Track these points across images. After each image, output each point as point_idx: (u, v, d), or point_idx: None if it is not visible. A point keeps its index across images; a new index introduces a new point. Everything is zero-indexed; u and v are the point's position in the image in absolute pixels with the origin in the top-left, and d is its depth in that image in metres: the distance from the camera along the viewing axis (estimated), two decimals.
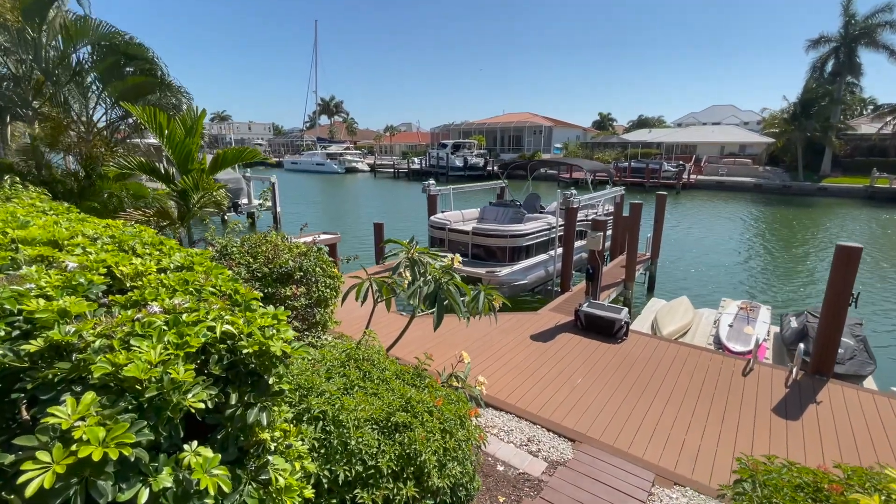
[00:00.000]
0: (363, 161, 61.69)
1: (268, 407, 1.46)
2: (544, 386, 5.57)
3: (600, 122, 79.14)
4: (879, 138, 36.44)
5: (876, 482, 2.10)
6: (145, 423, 1.13)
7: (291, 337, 1.55)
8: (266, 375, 1.47)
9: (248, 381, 1.45)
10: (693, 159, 42.80)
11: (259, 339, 1.44)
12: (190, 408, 1.24)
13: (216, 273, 1.89)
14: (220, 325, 1.41)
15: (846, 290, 5.61)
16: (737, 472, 2.40)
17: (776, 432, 4.70)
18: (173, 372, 1.21)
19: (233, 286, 1.79)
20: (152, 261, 2.08)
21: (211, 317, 1.45)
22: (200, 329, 1.39)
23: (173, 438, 1.26)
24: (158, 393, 1.18)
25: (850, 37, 35.50)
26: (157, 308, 1.48)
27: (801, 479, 2.13)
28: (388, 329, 7.20)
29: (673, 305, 9.47)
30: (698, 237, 19.93)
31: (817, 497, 2.00)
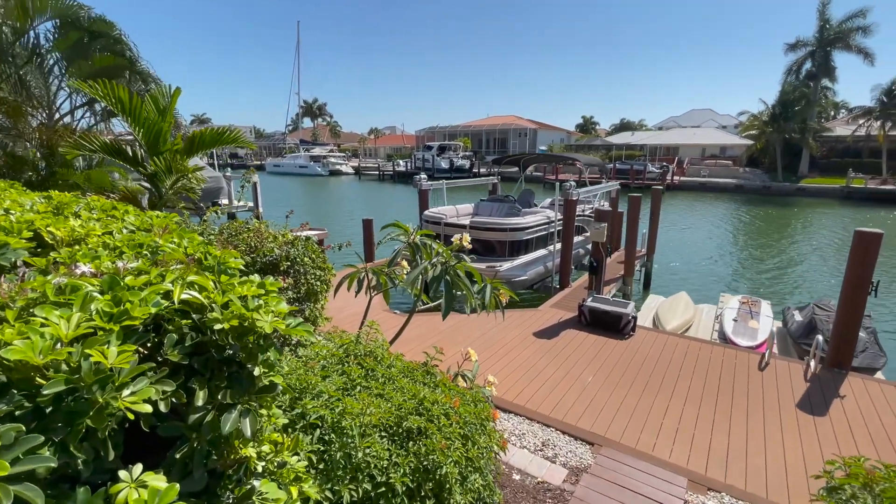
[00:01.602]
0: (347, 164, 60.88)
1: (252, 410, 1.01)
2: (553, 386, 5.17)
3: (584, 126, 79.92)
4: (854, 140, 37.43)
5: None
6: (43, 440, 0.67)
7: (286, 310, 1.10)
8: (250, 364, 1.02)
9: (222, 373, 0.99)
10: (676, 161, 43.32)
11: (239, 311, 0.99)
12: (129, 412, 0.78)
13: (181, 233, 1.41)
14: (178, 290, 0.95)
15: (865, 278, 5.36)
16: (825, 476, 2.01)
17: (805, 430, 4.38)
18: (96, 355, 0.75)
19: (204, 248, 1.32)
20: (99, 225, 1.59)
21: (168, 280, 0.99)
22: (149, 296, 0.93)
23: (102, 462, 0.80)
24: (70, 388, 0.72)
25: (826, 41, 36.44)
26: (85, 268, 1.01)
27: None
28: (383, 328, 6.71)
29: (673, 301, 9.22)
30: (688, 236, 19.94)
31: None
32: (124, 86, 4.47)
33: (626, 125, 78.88)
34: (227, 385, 0.97)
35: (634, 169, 37.94)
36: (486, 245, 9.31)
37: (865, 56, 34.84)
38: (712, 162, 44.03)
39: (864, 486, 1.73)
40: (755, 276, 14.09)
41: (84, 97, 6.80)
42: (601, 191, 11.42)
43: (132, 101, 4.46)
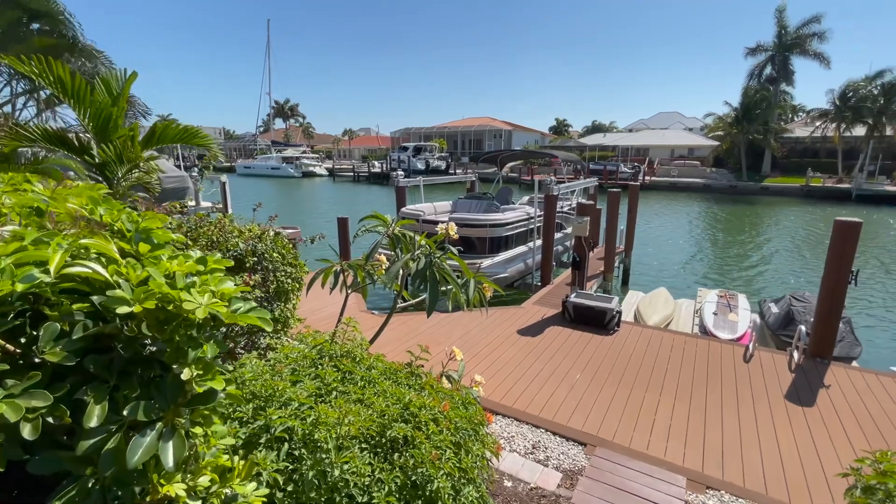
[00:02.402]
0: (321, 165, 59.77)
1: (179, 429, 0.71)
2: (541, 384, 4.96)
3: (557, 128, 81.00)
4: (812, 141, 39.16)
5: None
6: None
7: (232, 291, 0.81)
8: (177, 364, 0.72)
9: (132, 379, 0.69)
10: (647, 161, 44.36)
11: (160, 290, 0.69)
12: None
13: (92, 193, 1.07)
14: (57, 258, 0.63)
15: (845, 268, 5.38)
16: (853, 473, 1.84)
17: (796, 421, 4.31)
18: None
19: (128, 217, 1.00)
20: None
21: (52, 244, 0.69)
22: (18, 268, 0.62)
23: None
24: None
25: (784, 45, 38.03)
26: None
27: None
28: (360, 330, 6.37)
29: (653, 296, 9.22)
30: (662, 233, 20.30)
31: None
32: (66, 65, 4.01)
33: (597, 127, 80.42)
34: (141, 395, 0.68)
35: (608, 169, 38.59)
36: (466, 242, 9.07)
37: (822, 60, 36.53)
38: (681, 162, 45.33)
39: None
40: (728, 271, 14.37)
41: (26, 84, 6.20)
42: (579, 187, 11.37)
43: (76, 82, 4.01)
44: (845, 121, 34.20)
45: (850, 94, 33.74)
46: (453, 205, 11.41)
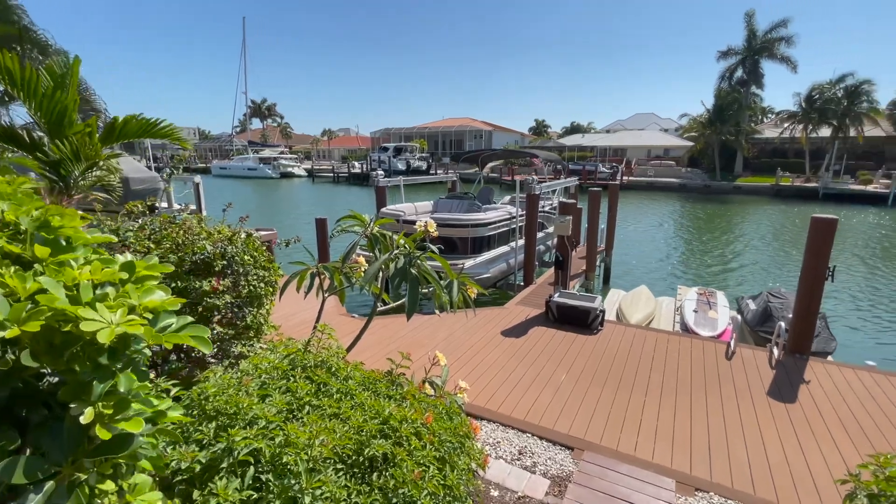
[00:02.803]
0: (300, 165, 58.82)
1: (82, 486, 0.54)
2: (526, 388, 4.85)
3: (536, 128, 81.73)
4: (781, 142, 40.47)
5: None
6: None
7: (162, 304, 0.65)
8: (76, 403, 0.55)
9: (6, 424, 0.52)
10: (624, 161, 45.10)
11: (52, 306, 0.52)
12: None
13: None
14: None
15: (822, 264, 5.45)
16: (852, 479, 1.76)
17: (780, 418, 4.31)
18: None
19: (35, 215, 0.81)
20: None
21: None
22: None
23: None
24: None
25: (754, 49, 39.18)
26: None
27: None
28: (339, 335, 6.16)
29: (634, 295, 9.26)
30: (641, 232, 20.59)
31: None
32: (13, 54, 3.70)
33: (576, 128, 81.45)
34: (24, 446, 0.50)
35: (587, 169, 39.06)
36: (448, 242, 8.93)
37: (789, 64, 37.77)
38: (657, 162, 46.25)
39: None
40: (705, 269, 14.63)
41: None
42: (561, 186, 11.38)
43: (25, 73, 3.70)
44: (811, 122, 35.43)
45: (816, 97, 34.99)
46: (434, 204, 11.26)
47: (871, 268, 14.40)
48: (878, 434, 4.09)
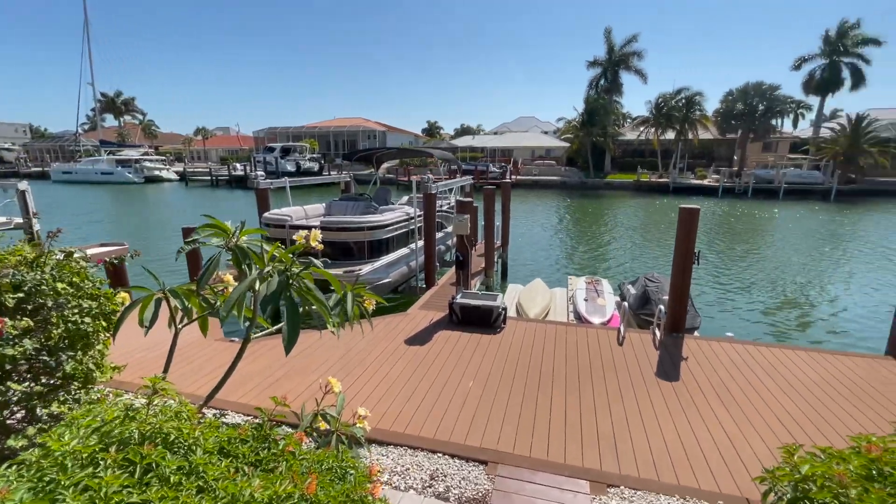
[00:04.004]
0: (169, 168, 51.94)
1: None
2: (433, 400, 4.53)
3: (429, 130, 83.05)
4: (639, 143, 46.44)
5: None
6: None
7: None
8: None
9: None
10: (512, 161, 47.88)
11: None
12: None
13: None
14: None
15: (690, 250, 6.03)
16: (768, 477, 1.71)
17: (669, 399, 4.59)
18: None
19: None
20: None
21: None
22: None
23: None
24: None
25: (613, 61, 44.32)
26: None
27: None
28: (210, 366, 5.24)
29: (531, 289, 9.57)
30: (530, 227, 21.82)
31: None
32: None
33: (466, 129, 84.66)
34: None
35: (479, 169, 40.62)
36: (343, 247, 8.29)
37: (641, 75, 43.43)
38: (541, 162, 49.94)
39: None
40: (590, 258, 15.92)
41: None
42: (457, 185, 11.37)
43: None
44: (660, 126, 41.20)
45: (662, 105, 40.76)
46: (327, 207, 10.47)
47: (710, 246, 16.98)
48: (744, 399, 4.55)
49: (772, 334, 9.07)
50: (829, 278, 13.04)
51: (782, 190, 32.95)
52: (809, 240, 18.69)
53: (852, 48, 36.86)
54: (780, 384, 4.87)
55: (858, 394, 4.68)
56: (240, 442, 1.76)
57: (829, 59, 37.77)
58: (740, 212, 26.95)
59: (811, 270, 13.85)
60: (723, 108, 40.43)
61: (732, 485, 3.34)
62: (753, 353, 5.60)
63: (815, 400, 4.56)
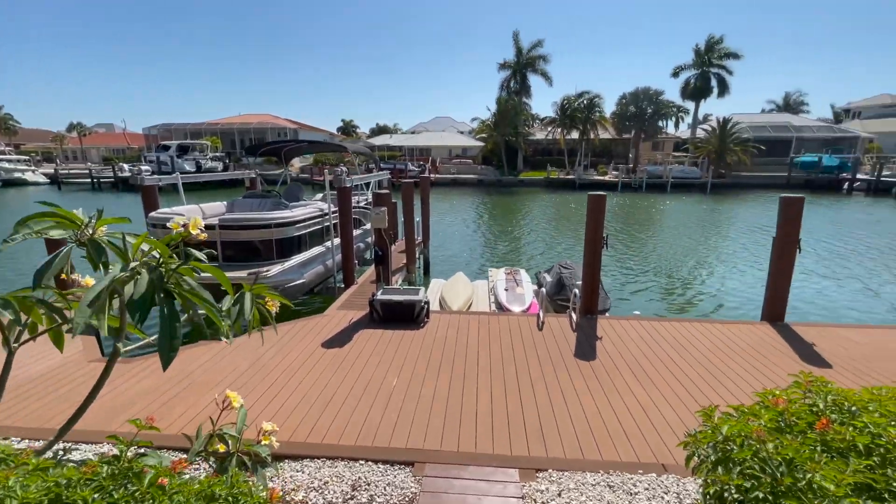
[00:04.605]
0: (36, 169, 44.56)
1: None
2: (355, 403, 4.21)
3: (345, 128, 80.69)
4: (547, 142, 49.26)
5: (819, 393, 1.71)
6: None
7: None
8: None
9: None
10: (430, 160, 48.20)
11: None
12: None
13: None
14: None
15: (599, 235, 6.34)
16: (691, 441, 1.69)
17: (589, 379, 4.73)
18: None
19: None
20: None
21: None
22: None
23: None
24: None
25: (522, 64, 46.47)
26: None
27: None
28: (81, 392, 4.40)
29: (453, 282, 9.54)
30: (452, 223, 22.03)
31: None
32: None
33: (383, 129, 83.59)
34: None
35: (397, 168, 40.27)
36: (247, 247, 7.53)
37: (546, 78, 46.06)
38: (458, 161, 50.89)
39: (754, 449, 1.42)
40: (508, 250, 16.41)
41: None
42: (374, 179, 10.99)
43: None
44: (565, 127, 44.07)
45: (567, 107, 43.62)
46: (229, 205, 9.50)
47: (615, 235, 18.45)
48: (653, 370, 4.85)
49: (671, 310, 9.99)
50: (713, 258, 14.78)
51: (669, 184, 36.94)
52: (694, 226, 21.11)
53: (717, 60, 42.47)
54: (682, 354, 5.27)
55: (745, 356, 5.22)
56: (82, 484, 1.35)
57: (701, 70, 43.12)
58: (637, 204, 29.67)
59: (698, 252, 15.60)
60: (618, 110, 44.31)
61: (649, 453, 3.48)
62: (658, 328, 6.04)
63: (712, 365, 5.00)
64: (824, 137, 42.69)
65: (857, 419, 1.49)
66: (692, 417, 3.96)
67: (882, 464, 1.31)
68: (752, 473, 1.32)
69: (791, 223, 6.09)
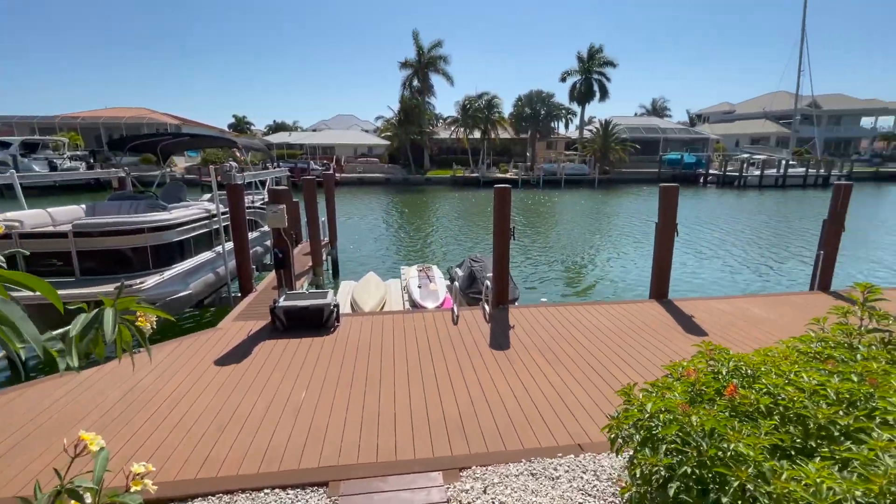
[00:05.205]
0: None
1: None
2: (257, 424, 3.73)
3: (237, 125, 74.46)
4: (452, 142, 50.35)
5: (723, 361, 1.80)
6: None
7: None
8: None
9: None
10: (335, 159, 46.49)
11: None
12: None
13: None
14: None
15: (507, 226, 6.48)
16: (614, 422, 1.66)
17: (505, 368, 4.76)
18: None
19: None
20: None
21: None
22: None
23: None
24: None
25: (423, 63, 46.81)
26: None
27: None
28: None
29: (364, 283, 9.18)
30: (359, 223, 21.38)
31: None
32: None
33: (281, 126, 78.68)
34: None
35: (299, 167, 38.08)
36: (114, 257, 6.37)
37: (448, 78, 46.99)
38: (364, 160, 49.77)
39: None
40: (419, 248, 16.34)
41: None
42: (269, 177, 10.10)
43: None
44: (468, 126, 45.41)
45: (468, 107, 44.96)
46: (90, 208, 8.02)
47: (519, 230, 19.41)
48: (563, 353, 5.05)
49: (574, 295, 10.68)
50: (605, 245, 16.21)
51: (563, 180, 39.99)
52: (588, 218, 23.03)
53: (598, 67, 46.92)
54: (586, 335, 5.58)
55: (640, 332, 5.69)
56: None
57: (585, 75, 47.29)
58: (537, 199, 31.58)
59: (593, 241, 17.00)
60: (515, 111, 46.79)
61: (566, 434, 3.56)
62: (564, 313, 6.35)
63: (613, 343, 5.35)
64: (683, 139, 49.67)
65: (757, 382, 1.58)
66: (601, 395, 4.17)
67: (783, 422, 1.39)
68: (676, 448, 1.31)
69: (670, 210, 6.80)
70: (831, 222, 7.22)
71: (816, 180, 38.93)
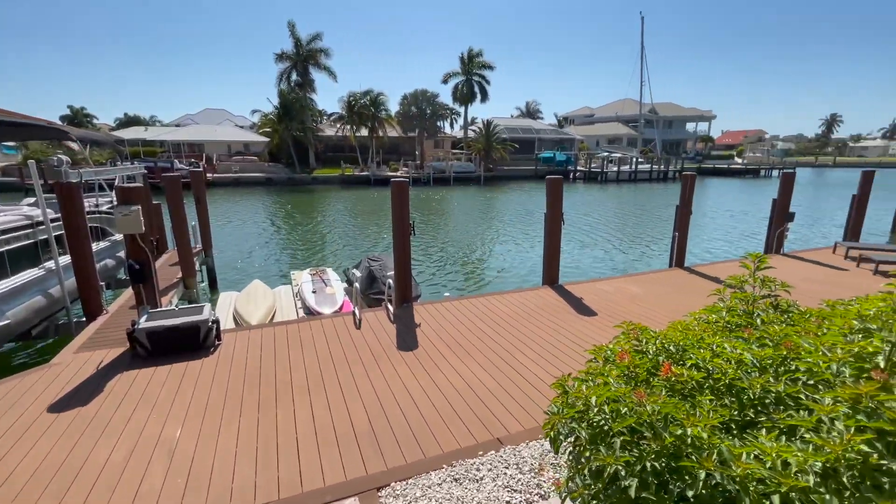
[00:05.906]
0: None
1: None
2: (115, 479, 2.96)
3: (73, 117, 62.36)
4: (338, 139, 48.48)
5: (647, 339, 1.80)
6: None
7: None
8: None
9: None
10: (205, 158, 41.57)
11: None
12: None
13: None
14: None
15: (406, 221, 6.25)
16: (555, 418, 1.54)
17: (416, 370, 4.55)
18: None
19: None
20: None
21: None
22: None
23: None
24: None
25: (302, 57, 44.19)
26: None
27: None
28: None
29: (249, 292, 8.22)
30: (239, 228, 19.33)
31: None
32: None
33: (134, 119, 67.93)
34: None
35: (160, 167, 33.13)
36: None
37: (330, 73, 45.07)
38: (240, 158, 45.33)
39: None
40: (311, 251, 15.28)
41: None
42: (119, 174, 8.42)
43: None
44: (354, 124, 44.15)
45: (353, 103, 43.68)
46: None
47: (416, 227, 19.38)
48: (470, 345, 5.01)
49: (474, 286, 10.90)
50: (498, 237, 16.94)
51: (452, 178, 41.18)
52: (479, 213, 23.93)
53: (478, 70, 49.14)
54: (490, 325, 5.63)
55: (539, 317, 5.92)
56: None
57: (466, 77, 49.17)
58: (429, 197, 31.96)
59: (487, 234, 17.65)
60: (402, 109, 46.77)
61: (483, 430, 3.48)
62: (467, 305, 6.35)
63: (515, 330, 5.48)
64: (554, 139, 54.80)
65: (685, 356, 1.59)
66: (511, 382, 4.19)
67: (717, 395, 1.39)
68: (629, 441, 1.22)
69: (556, 201, 7.23)
70: (682, 206, 8.38)
71: (658, 175, 46.01)
